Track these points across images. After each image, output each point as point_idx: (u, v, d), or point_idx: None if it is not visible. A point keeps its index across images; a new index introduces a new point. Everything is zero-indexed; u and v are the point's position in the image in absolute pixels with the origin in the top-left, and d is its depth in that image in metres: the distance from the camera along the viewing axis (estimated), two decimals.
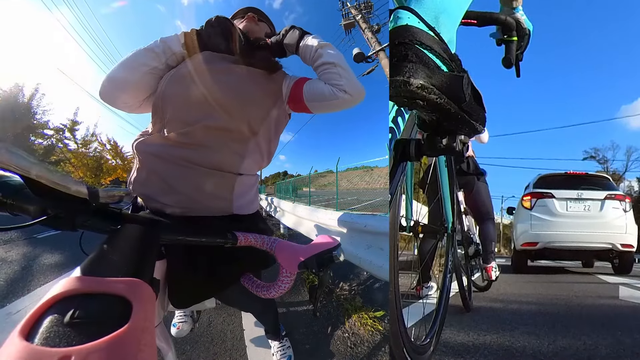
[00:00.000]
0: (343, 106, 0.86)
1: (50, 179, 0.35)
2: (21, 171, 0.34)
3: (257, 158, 0.89)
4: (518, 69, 0.87)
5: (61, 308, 0.30)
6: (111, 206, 0.47)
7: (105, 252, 0.39)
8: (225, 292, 0.88)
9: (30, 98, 17.89)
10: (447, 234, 1.50)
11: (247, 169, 0.86)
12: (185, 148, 0.76)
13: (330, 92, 0.83)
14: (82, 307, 0.30)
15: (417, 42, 0.48)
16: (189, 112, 0.78)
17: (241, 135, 0.82)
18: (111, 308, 0.32)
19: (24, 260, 3.19)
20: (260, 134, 0.85)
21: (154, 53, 0.82)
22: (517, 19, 0.82)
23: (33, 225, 0.43)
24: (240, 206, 0.85)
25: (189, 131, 0.76)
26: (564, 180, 4.56)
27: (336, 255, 0.66)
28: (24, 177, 0.38)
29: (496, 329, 1.61)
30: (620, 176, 27.20)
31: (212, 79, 0.80)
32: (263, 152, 0.90)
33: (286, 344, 1.41)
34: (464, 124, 0.51)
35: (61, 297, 0.31)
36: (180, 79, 0.80)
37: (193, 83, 0.79)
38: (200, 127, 0.76)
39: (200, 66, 0.82)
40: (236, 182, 0.83)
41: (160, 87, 0.81)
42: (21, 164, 0.33)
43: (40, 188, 0.38)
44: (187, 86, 0.79)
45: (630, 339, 1.47)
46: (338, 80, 0.82)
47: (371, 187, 10.93)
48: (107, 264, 0.37)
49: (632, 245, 4.09)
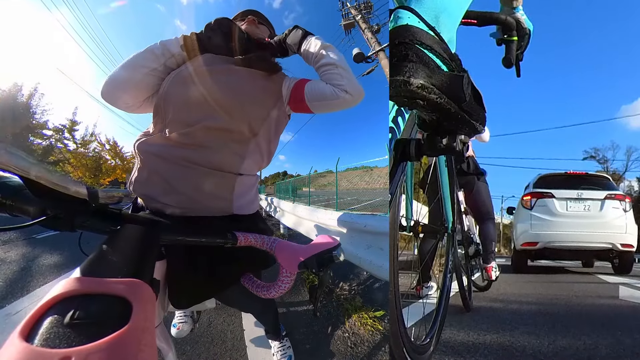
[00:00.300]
0: (344, 106, 0.87)
1: (50, 179, 0.35)
2: (20, 172, 0.34)
3: (257, 158, 0.90)
4: (518, 69, 0.87)
5: (61, 309, 0.30)
6: (111, 207, 0.47)
7: (105, 253, 0.39)
8: (225, 293, 0.88)
9: (29, 98, 17.84)
10: (448, 234, 1.50)
11: (247, 170, 0.87)
12: (186, 148, 0.77)
13: (332, 92, 0.84)
14: (82, 308, 0.30)
15: (417, 42, 0.48)
16: (189, 113, 0.79)
17: (241, 136, 0.83)
18: (111, 309, 0.32)
19: (23, 260, 3.18)
20: (261, 135, 0.86)
21: (154, 55, 0.84)
22: (517, 18, 0.82)
23: (32, 226, 0.42)
24: (241, 206, 0.86)
25: (190, 132, 0.77)
26: (564, 180, 4.56)
27: (336, 255, 0.66)
28: (23, 178, 0.38)
29: (496, 328, 1.61)
30: (620, 176, 27.23)
31: (212, 80, 0.81)
32: (263, 152, 0.91)
33: (286, 344, 1.41)
34: (464, 123, 0.51)
35: (61, 297, 0.31)
36: (181, 80, 0.82)
37: (194, 84, 0.80)
38: (201, 127, 0.78)
39: (201, 68, 0.83)
40: (236, 182, 0.84)
41: (162, 88, 0.83)
42: (20, 165, 0.33)
43: (39, 189, 0.38)
44: (188, 87, 0.80)
45: (630, 339, 1.47)
46: (339, 81, 0.84)
47: (371, 187, 10.92)
48: (107, 265, 0.37)
49: (632, 245, 4.09)
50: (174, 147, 0.78)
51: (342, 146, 79.90)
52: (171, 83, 0.82)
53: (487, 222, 2.50)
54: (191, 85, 0.80)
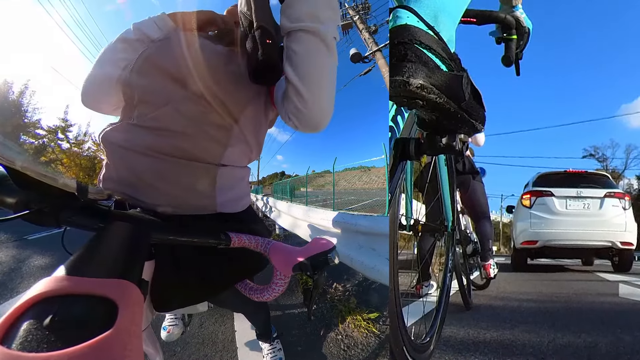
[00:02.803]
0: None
1: (37, 170, 0.33)
2: (5, 161, 0.31)
3: (244, 148, 0.77)
4: (518, 68, 0.87)
5: (41, 310, 0.28)
6: (100, 203, 0.44)
7: (91, 251, 0.37)
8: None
9: (20, 95, 17.64)
10: (447, 233, 1.50)
11: (231, 160, 0.74)
12: (154, 135, 0.66)
13: (283, 112, 0.67)
14: (64, 309, 0.28)
15: (417, 42, 0.48)
16: (158, 94, 0.67)
17: (220, 121, 0.70)
18: (95, 310, 0.30)
19: (13, 262, 3.11)
20: (242, 122, 0.72)
21: (128, 43, 0.72)
22: (517, 17, 0.82)
23: (14, 220, 0.39)
24: (225, 203, 0.74)
25: (157, 115, 0.66)
26: (564, 178, 4.55)
27: (331, 258, 0.64)
28: (7, 168, 0.36)
29: (496, 327, 1.62)
30: (619, 174, 27.29)
31: (188, 57, 0.68)
32: (250, 141, 0.77)
33: (277, 347, 1.39)
34: (463, 122, 0.51)
35: (41, 297, 0.29)
36: (151, 57, 0.70)
37: (165, 61, 0.69)
38: (170, 109, 0.66)
39: (176, 44, 0.70)
40: (218, 174, 0.72)
41: (130, 67, 0.70)
42: (6, 154, 0.31)
43: (24, 180, 0.35)
44: (158, 66, 0.69)
45: (630, 337, 1.47)
46: (290, 104, 0.62)
47: (368, 187, 10.95)
48: (93, 263, 0.35)
49: (632, 243, 4.09)
50: (140, 135, 0.66)
51: (340, 146, 79.87)
52: (138, 62, 0.70)
53: (484, 220, 2.53)
54: (163, 62, 0.69)
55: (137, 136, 0.66)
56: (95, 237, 0.39)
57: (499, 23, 0.83)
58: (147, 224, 0.47)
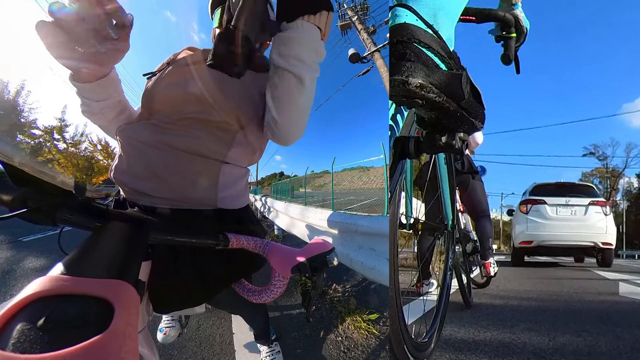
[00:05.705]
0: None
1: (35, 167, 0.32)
2: (3, 157, 0.31)
3: (247, 150, 0.84)
4: (517, 66, 0.87)
5: (35, 310, 0.27)
6: (97, 202, 0.44)
7: (88, 250, 0.36)
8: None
9: (16, 95, 17.43)
10: (447, 231, 1.50)
11: (234, 159, 0.80)
12: (168, 133, 0.73)
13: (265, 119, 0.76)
14: (58, 310, 0.28)
15: (415, 41, 0.48)
16: (175, 108, 0.75)
17: (229, 126, 0.77)
18: (90, 311, 0.29)
19: (6, 264, 3.07)
20: (249, 128, 0.80)
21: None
22: (516, 15, 0.82)
23: (10, 218, 0.39)
24: (226, 199, 0.79)
25: (175, 120, 0.74)
26: (555, 189, 5.52)
27: (330, 259, 0.64)
28: (5, 165, 0.35)
29: (496, 325, 1.62)
30: (619, 173, 27.33)
31: (199, 73, 0.76)
32: (253, 144, 0.84)
33: (275, 349, 1.38)
34: (463, 121, 0.51)
35: (35, 298, 0.28)
36: (166, 76, 0.78)
37: (180, 79, 0.76)
38: (187, 118, 0.74)
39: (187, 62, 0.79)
40: (221, 170, 0.78)
41: (147, 83, 0.79)
42: (4, 150, 0.30)
43: (22, 177, 0.35)
44: (174, 83, 0.76)
45: (630, 335, 1.47)
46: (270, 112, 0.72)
47: (367, 187, 10.94)
48: (89, 263, 0.34)
49: (611, 244, 4.97)
50: (155, 131, 0.73)
51: (339, 146, 79.62)
52: (156, 80, 0.78)
53: (483, 219, 2.53)
54: (177, 80, 0.76)
55: (151, 132, 0.73)
56: (92, 236, 0.39)
57: (498, 21, 0.83)
58: (145, 223, 0.46)
